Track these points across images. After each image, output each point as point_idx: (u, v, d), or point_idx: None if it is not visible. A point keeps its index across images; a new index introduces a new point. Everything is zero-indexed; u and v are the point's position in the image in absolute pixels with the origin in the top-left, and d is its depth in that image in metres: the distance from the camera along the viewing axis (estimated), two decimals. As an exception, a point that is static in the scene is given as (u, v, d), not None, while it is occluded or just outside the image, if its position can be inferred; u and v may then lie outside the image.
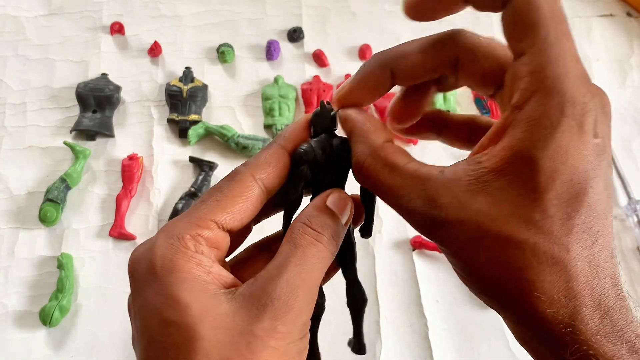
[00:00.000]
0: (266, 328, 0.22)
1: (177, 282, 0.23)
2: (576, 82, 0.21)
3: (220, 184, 0.26)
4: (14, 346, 0.55)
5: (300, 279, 0.24)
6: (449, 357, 0.55)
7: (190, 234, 0.24)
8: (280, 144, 0.28)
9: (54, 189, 0.61)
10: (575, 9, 0.79)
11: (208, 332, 0.22)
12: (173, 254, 0.23)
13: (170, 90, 0.68)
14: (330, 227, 0.26)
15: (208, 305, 0.23)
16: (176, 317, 0.22)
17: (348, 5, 0.78)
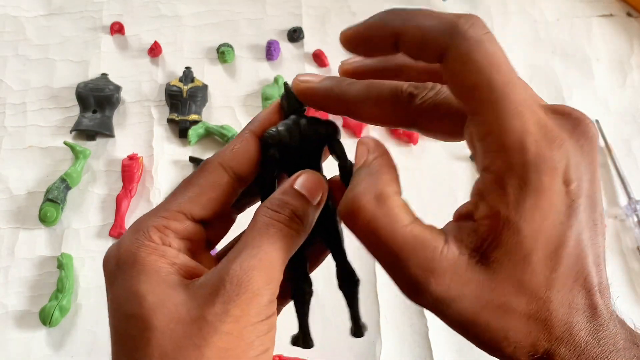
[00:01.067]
0: (217, 312, 0.22)
1: (136, 275, 0.23)
2: (537, 134, 0.20)
3: (190, 176, 0.27)
4: (14, 346, 0.55)
5: (256, 260, 0.23)
6: (449, 357, 0.55)
7: (156, 226, 0.24)
8: (250, 129, 0.28)
9: (54, 189, 0.61)
10: (575, 9, 0.79)
11: (161, 323, 0.22)
12: (137, 247, 0.24)
13: (170, 90, 0.68)
14: (291, 205, 0.25)
15: (164, 296, 0.22)
16: (133, 310, 0.23)
17: (348, 5, 0.78)
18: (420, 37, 0.22)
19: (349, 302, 0.29)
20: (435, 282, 0.21)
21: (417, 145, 0.66)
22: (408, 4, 0.83)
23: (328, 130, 0.28)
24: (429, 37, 0.22)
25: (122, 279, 0.23)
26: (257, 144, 0.27)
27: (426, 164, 0.65)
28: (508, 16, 0.77)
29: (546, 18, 0.78)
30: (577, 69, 0.75)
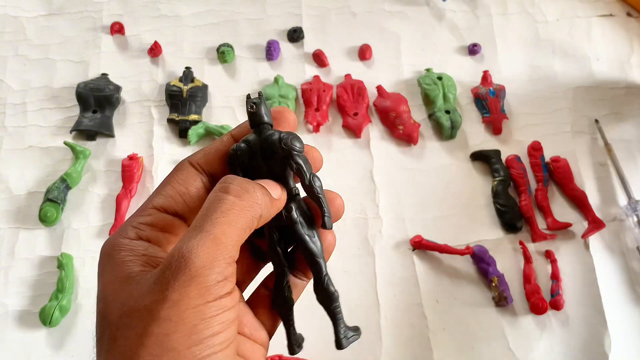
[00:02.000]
0: (157, 299, 0.21)
1: (105, 274, 0.24)
2: None
3: (165, 177, 0.28)
4: (14, 346, 0.55)
5: (196, 240, 0.22)
6: (449, 357, 0.55)
7: (131, 224, 0.25)
8: (231, 133, 0.29)
9: (54, 189, 0.61)
10: (575, 9, 0.79)
11: (114, 316, 0.22)
12: (111, 248, 0.24)
13: (170, 90, 0.68)
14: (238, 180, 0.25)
15: (120, 290, 0.23)
16: (98, 307, 0.23)
17: (348, 5, 0.78)
18: None
19: (329, 316, 0.29)
20: None
21: (417, 145, 0.66)
22: (408, 4, 0.83)
23: (284, 151, 0.27)
24: None
25: (98, 280, 0.24)
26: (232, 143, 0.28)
27: (426, 164, 0.65)
28: (508, 16, 0.77)
29: (546, 18, 0.78)
30: (577, 69, 0.74)
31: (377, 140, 0.67)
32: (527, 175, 0.65)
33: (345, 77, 0.71)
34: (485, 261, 0.58)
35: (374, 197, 0.63)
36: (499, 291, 0.57)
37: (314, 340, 0.56)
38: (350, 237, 0.61)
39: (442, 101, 0.69)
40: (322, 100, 0.68)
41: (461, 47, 0.75)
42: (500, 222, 0.62)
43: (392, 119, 0.67)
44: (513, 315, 0.57)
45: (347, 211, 0.62)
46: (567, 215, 0.63)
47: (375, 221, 0.62)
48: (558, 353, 0.56)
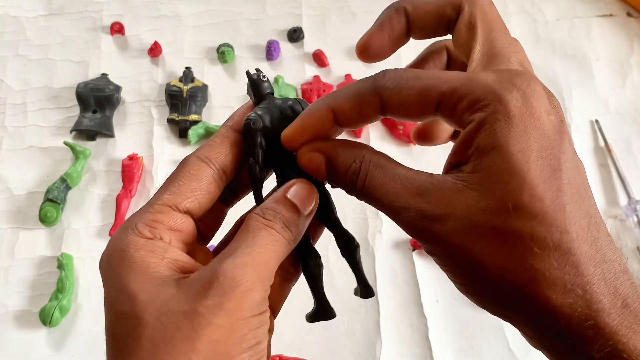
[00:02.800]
0: (210, 305, 0.22)
1: (126, 274, 0.23)
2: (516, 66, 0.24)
3: (170, 174, 0.27)
4: (14, 346, 0.55)
5: (250, 258, 0.23)
6: (449, 357, 0.55)
7: (144, 222, 0.25)
8: (227, 124, 0.28)
9: (54, 189, 0.61)
10: (575, 9, 0.79)
11: (152, 319, 0.22)
12: (125, 244, 0.24)
13: (171, 90, 0.68)
14: (283, 216, 0.26)
15: (155, 293, 0.23)
16: (124, 308, 0.23)
17: (348, 5, 0.78)
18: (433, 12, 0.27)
19: (353, 266, 0.29)
20: (422, 200, 0.22)
21: (417, 145, 0.66)
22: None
23: (301, 105, 0.28)
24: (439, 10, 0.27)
25: (113, 278, 0.24)
26: (236, 137, 0.28)
27: (426, 163, 0.66)
28: (508, 16, 0.77)
29: (546, 18, 0.78)
30: (577, 69, 0.75)
31: (377, 140, 0.67)
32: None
33: (345, 77, 0.71)
34: (485, 261, 0.58)
35: (374, 197, 0.63)
36: (499, 291, 0.57)
37: (314, 340, 0.56)
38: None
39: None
40: (322, 100, 0.68)
41: (461, 47, 0.75)
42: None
43: (392, 119, 0.67)
44: (513, 315, 0.57)
45: (347, 211, 0.62)
46: (567, 215, 0.63)
47: (375, 221, 0.62)
48: (558, 353, 0.56)
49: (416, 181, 0.24)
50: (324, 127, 0.26)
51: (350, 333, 0.56)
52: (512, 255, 0.20)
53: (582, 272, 0.20)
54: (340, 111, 0.25)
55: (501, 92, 0.22)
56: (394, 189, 0.24)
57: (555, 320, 0.20)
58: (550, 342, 0.21)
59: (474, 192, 0.21)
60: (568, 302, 0.20)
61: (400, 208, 0.23)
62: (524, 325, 0.22)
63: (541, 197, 0.20)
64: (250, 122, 0.27)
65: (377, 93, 0.24)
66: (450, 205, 0.22)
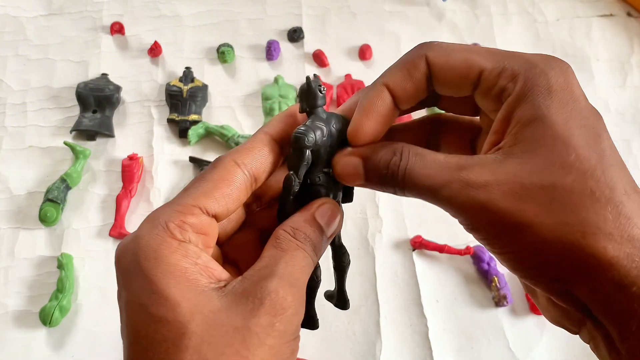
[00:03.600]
0: (263, 325, 0.22)
1: (163, 277, 0.22)
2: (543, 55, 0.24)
3: (203, 172, 0.26)
4: (14, 346, 0.55)
5: (294, 279, 0.24)
6: (449, 357, 0.55)
7: (174, 222, 0.24)
8: (265, 130, 0.28)
9: (54, 189, 0.61)
10: (575, 9, 0.79)
11: (199, 329, 0.21)
12: (158, 244, 0.23)
13: (170, 90, 0.68)
14: (312, 241, 0.26)
15: (198, 302, 0.22)
16: (164, 314, 0.22)
17: (348, 5, 0.78)
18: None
19: (338, 280, 0.31)
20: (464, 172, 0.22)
21: (417, 145, 0.66)
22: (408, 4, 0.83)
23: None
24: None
25: (145, 279, 0.22)
26: (273, 145, 0.27)
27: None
28: (508, 16, 0.77)
29: (546, 18, 0.78)
30: (577, 69, 0.74)
31: (377, 140, 0.67)
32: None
33: (345, 77, 0.71)
34: (485, 261, 0.58)
35: (374, 197, 0.63)
36: (499, 291, 0.57)
37: (314, 340, 0.56)
38: (350, 237, 0.61)
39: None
40: (322, 100, 0.68)
41: (461, 47, 0.75)
42: (500, 222, 0.62)
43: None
44: (513, 315, 0.57)
45: (347, 211, 0.62)
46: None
47: (375, 221, 0.62)
48: (558, 353, 0.56)
49: (457, 160, 0.23)
50: (384, 107, 0.26)
51: (350, 333, 0.56)
52: (564, 210, 0.20)
53: (637, 223, 0.20)
54: (393, 83, 0.26)
55: (543, 67, 0.23)
56: (435, 170, 0.23)
57: (614, 272, 0.20)
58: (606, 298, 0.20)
59: (518, 159, 0.22)
60: (626, 252, 0.20)
61: (443, 184, 0.23)
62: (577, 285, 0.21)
63: (588, 157, 0.21)
64: (304, 137, 0.26)
65: (424, 55, 0.25)
66: (496, 173, 0.22)
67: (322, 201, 0.27)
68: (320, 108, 0.27)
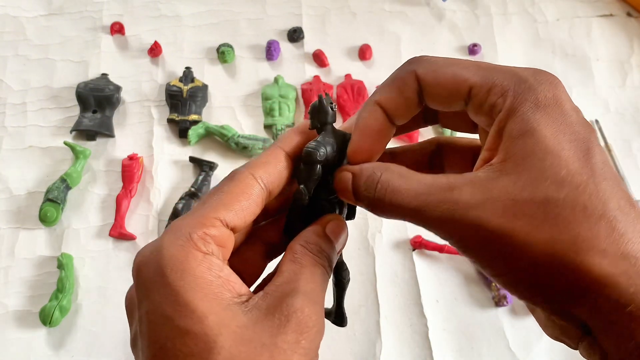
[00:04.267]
0: (290, 341, 0.22)
1: (189, 289, 0.22)
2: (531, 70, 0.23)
3: (220, 184, 0.26)
4: (14, 346, 0.55)
5: (316, 296, 0.24)
6: (449, 357, 0.55)
7: (197, 234, 0.23)
8: (278, 145, 0.28)
9: (54, 189, 0.61)
10: (575, 9, 0.79)
11: (228, 343, 0.21)
12: (184, 256, 0.23)
13: (171, 90, 0.68)
14: (327, 254, 0.26)
15: (225, 316, 0.22)
16: (191, 327, 0.21)
17: (348, 5, 0.78)
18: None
19: (338, 296, 0.32)
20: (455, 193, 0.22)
21: (417, 145, 0.66)
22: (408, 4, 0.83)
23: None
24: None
25: (170, 290, 0.22)
26: (288, 160, 0.28)
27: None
28: (508, 16, 0.77)
29: (546, 18, 0.78)
30: (577, 69, 0.75)
31: (377, 140, 0.67)
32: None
33: (345, 77, 0.71)
34: (485, 261, 0.58)
35: (374, 197, 0.63)
36: (499, 291, 0.57)
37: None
38: (350, 237, 0.61)
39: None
40: (322, 100, 0.68)
41: (461, 47, 0.75)
42: (500, 222, 0.62)
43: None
44: (513, 315, 0.57)
45: (347, 211, 0.62)
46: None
47: (375, 221, 0.62)
48: (558, 353, 0.56)
49: (446, 179, 0.23)
50: (377, 125, 0.26)
51: (350, 333, 0.56)
52: (556, 227, 0.20)
53: (631, 239, 0.20)
54: (385, 100, 0.26)
55: (532, 82, 0.22)
56: (423, 191, 0.23)
57: (610, 290, 0.19)
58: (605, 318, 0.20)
59: (510, 175, 0.21)
60: (621, 269, 0.19)
61: (433, 205, 0.22)
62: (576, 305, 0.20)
63: (579, 172, 0.20)
64: (316, 153, 0.26)
65: (413, 72, 0.25)
66: (487, 191, 0.21)
67: (331, 217, 0.28)
68: (330, 125, 0.28)
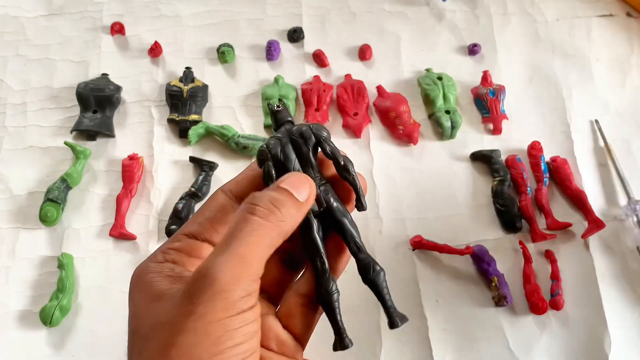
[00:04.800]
0: (184, 312, 0.22)
1: (134, 295, 0.26)
2: None
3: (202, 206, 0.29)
4: (14, 346, 0.55)
5: (224, 257, 0.23)
6: (449, 357, 0.55)
7: (160, 250, 0.27)
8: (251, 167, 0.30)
9: (55, 189, 0.61)
10: (575, 9, 0.79)
11: (143, 330, 0.24)
12: (141, 269, 0.27)
13: (171, 90, 0.68)
14: (268, 196, 0.25)
15: (149, 308, 0.24)
16: (131, 327, 0.25)
17: (348, 5, 0.78)
18: None
19: (376, 294, 0.29)
20: None
21: (417, 145, 0.66)
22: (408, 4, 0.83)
23: (311, 130, 0.29)
24: None
25: (129, 301, 0.26)
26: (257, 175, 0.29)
27: (426, 163, 0.66)
28: (508, 16, 0.77)
29: (546, 18, 0.78)
30: (576, 69, 0.75)
31: (377, 140, 0.67)
32: (527, 175, 0.65)
33: (345, 77, 0.71)
34: (485, 261, 0.58)
35: (374, 197, 0.63)
36: (499, 291, 0.57)
37: (314, 340, 0.56)
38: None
39: (442, 101, 0.69)
40: (322, 100, 0.68)
41: (461, 47, 0.75)
42: (500, 222, 0.62)
43: (392, 119, 0.67)
44: (513, 315, 0.57)
45: (347, 211, 0.62)
46: (567, 216, 0.63)
47: (375, 221, 0.62)
48: (558, 353, 0.56)
49: None
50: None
51: (350, 333, 0.56)
52: None
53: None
54: None
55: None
56: None
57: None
58: None
59: None
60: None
61: None
62: None
63: None
64: (262, 149, 0.29)
65: None
66: None
67: (288, 174, 0.28)
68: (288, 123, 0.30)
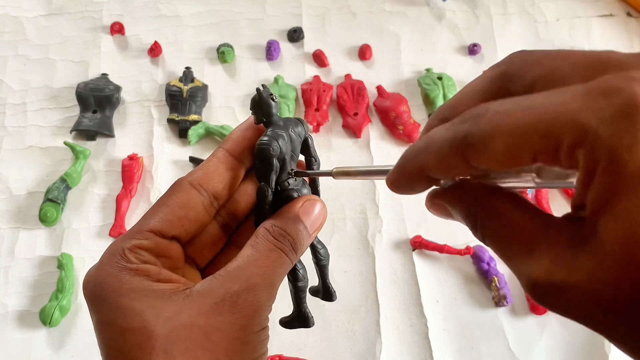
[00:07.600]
0: (225, 321, 0.23)
1: (126, 294, 0.24)
2: None
3: (162, 196, 0.27)
4: (14, 346, 0.55)
5: (260, 279, 0.25)
6: (449, 357, 0.55)
7: (129, 248, 0.25)
8: (222, 147, 0.28)
9: (54, 189, 0.61)
10: (575, 9, 0.79)
11: (164, 330, 0.23)
12: (118, 270, 0.24)
13: (171, 90, 0.68)
14: (293, 238, 0.26)
15: (161, 307, 0.23)
16: (131, 324, 0.23)
17: (348, 5, 0.78)
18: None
19: (322, 273, 0.32)
20: (533, 262, 0.18)
21: (417, 145, 0.66)
22: (408, 4, 0.83)
23: (305, 129, 0.29)
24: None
25: (112, 301, 0.24)
26: (232, 161, 0.28)
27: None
28: (508, 16, 0.77)
29: (546, 18, 0.78)
30: (577, 69, 0.74)
31: (377, 140, 0.67)
32: (527, 175, 0.65)
33: (345, 77, 0.71)
34: (485, 261, 0.58)
35: (374, 197, 0.63)
36: (499, 291, 0.57)
37: (314, 340, 0.56)
38: (350, 237, 0.61)
39: (442, 101, 0.69)
40: (322, 100, 0.68)
41: (461, 47, 0.75)
42: (500, 222, 0.62)
43: (392, 119, 0.67)
44: (513, 315, 0.57)
45: (347, 211, 0.62)
46: (567, 215, 0.63)
47: (375, 221, 0.62)
48: (558, 353, 0.56)
49: (528, 231, 0.19)
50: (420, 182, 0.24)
51: (350, 333, 0.56)
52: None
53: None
54: (430, 170, 0.22)
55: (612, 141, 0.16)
56: (508, 240, 0.20)
57: None
58: None
59: (591, 255, 0.17)
60: None
61: (514, 270, 0.19)
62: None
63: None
64: (269, 148, 0.26)
65: (460, 152, 0.19)
66: (567, 269, 0.17)
67: (306, 198, 0.28)
68: (275, 116, 0.28)
